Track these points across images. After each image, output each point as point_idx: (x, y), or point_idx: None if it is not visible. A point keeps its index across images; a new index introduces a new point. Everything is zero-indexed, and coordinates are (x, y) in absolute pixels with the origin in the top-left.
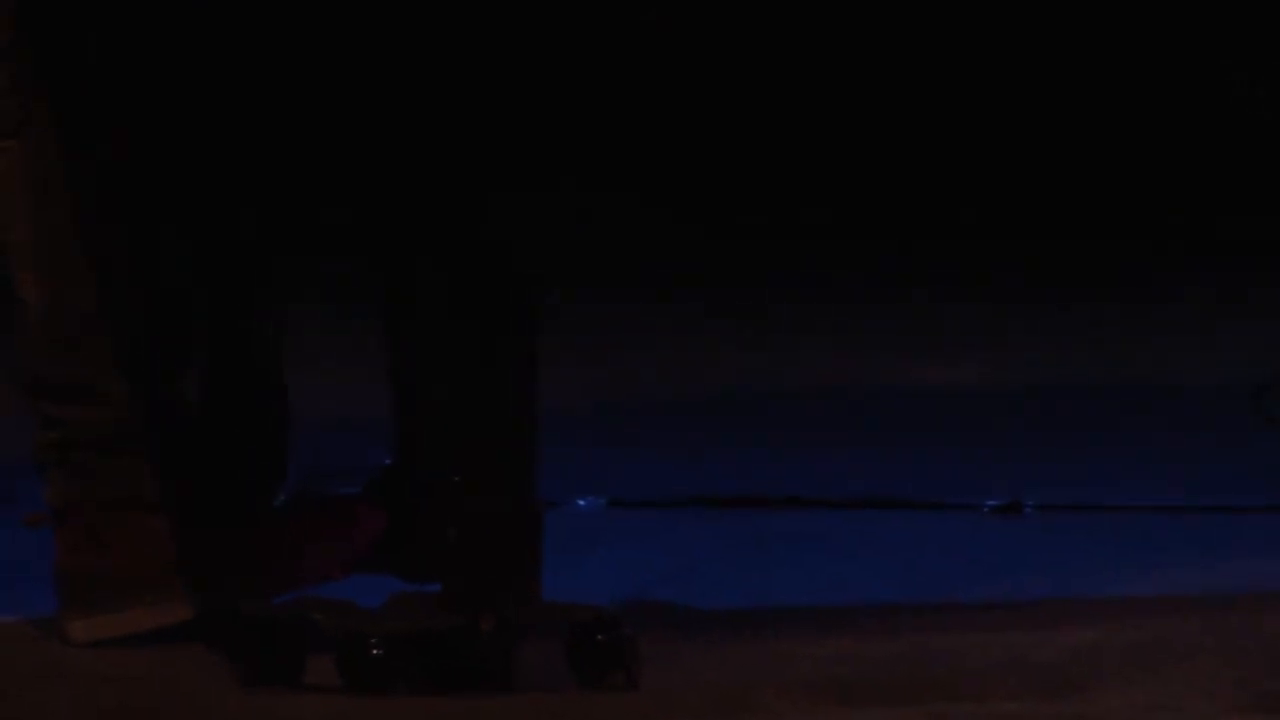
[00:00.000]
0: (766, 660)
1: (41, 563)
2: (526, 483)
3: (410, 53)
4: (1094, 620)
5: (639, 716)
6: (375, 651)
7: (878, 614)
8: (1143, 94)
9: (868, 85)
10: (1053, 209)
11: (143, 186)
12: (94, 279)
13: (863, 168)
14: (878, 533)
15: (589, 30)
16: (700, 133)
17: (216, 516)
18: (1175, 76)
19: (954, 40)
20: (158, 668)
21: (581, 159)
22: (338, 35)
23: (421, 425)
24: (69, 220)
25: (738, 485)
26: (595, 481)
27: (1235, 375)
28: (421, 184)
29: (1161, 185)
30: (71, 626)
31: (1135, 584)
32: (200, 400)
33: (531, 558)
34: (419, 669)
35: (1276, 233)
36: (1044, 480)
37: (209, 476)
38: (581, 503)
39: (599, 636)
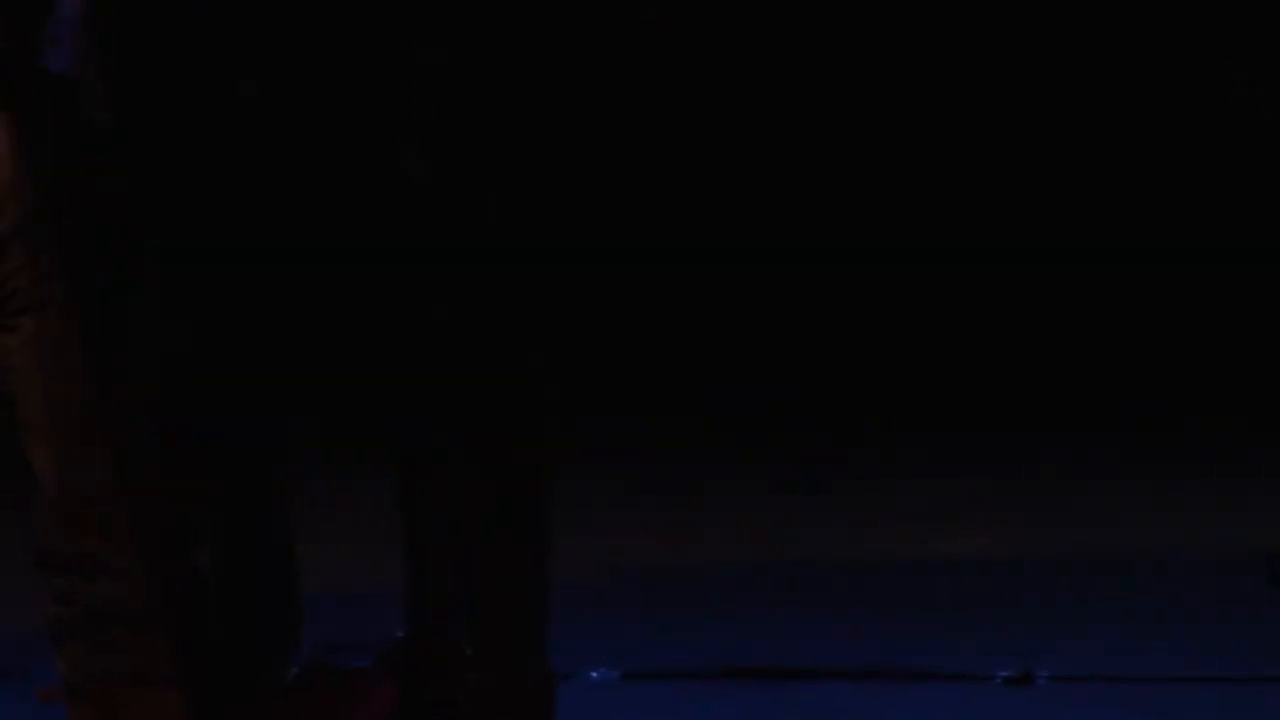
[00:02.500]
0: None
1: None
2: (539, 655)
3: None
4: None
5: None
6: None
7: None
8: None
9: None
10: (1076, 393)
11: (156, 362)
12: (107, 454)
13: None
14: (894, 703)
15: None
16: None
17: (230, 691)
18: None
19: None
20: None
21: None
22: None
23: (433, 598)
24: (82, 395)
25: (754, 656)
26: (613, 652)
27: (1251, 542)
28: (444, 370)
29: (1170, 349)
30: None
31: None
32: (212, 574)
33: None
34: None
35: None
36: (1058, 650)
37: (222, 651)
38: (595, 675)
39: None
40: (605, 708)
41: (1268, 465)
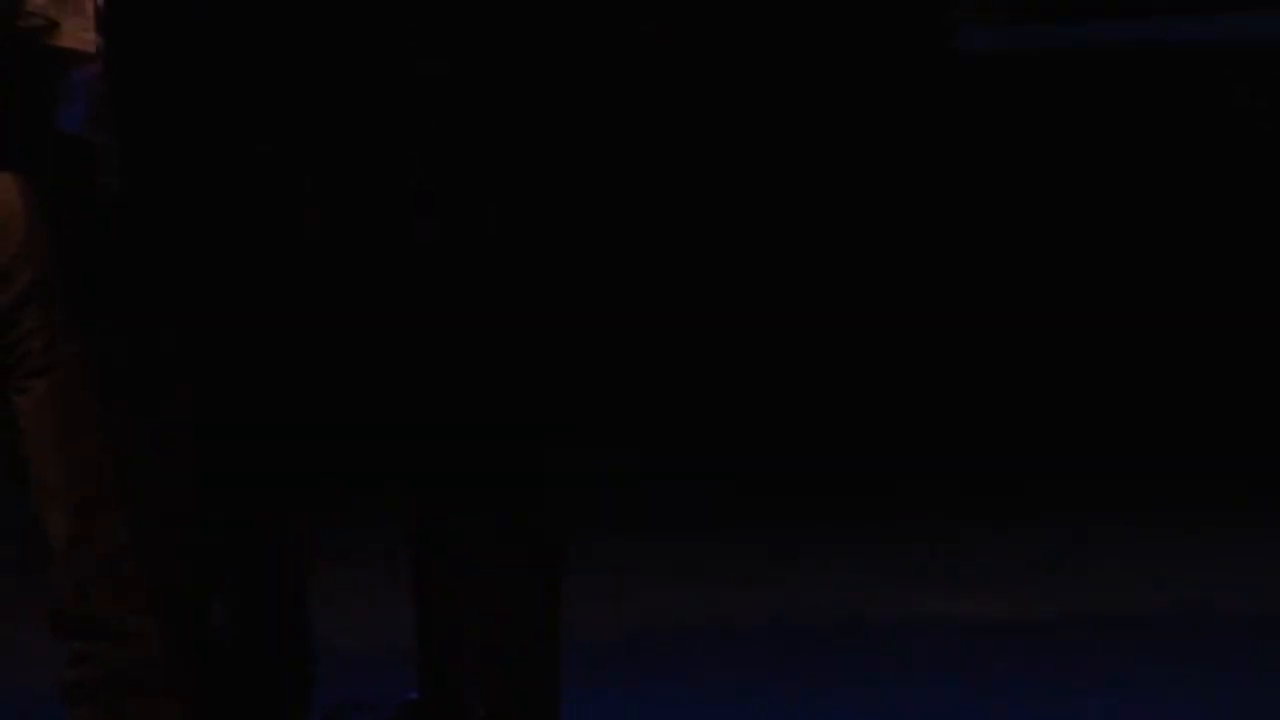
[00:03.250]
0: None
1: None
2: (553, 717)
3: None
4: None
5: None
6: None
7: None
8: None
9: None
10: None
11: (168, 424)
12: (120, 516)
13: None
14: None
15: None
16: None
17: None
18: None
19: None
20: None
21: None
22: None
23: (447, 659)
24: (94, 457)
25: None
26: (626, 716)
27: (1273, 605)
28: (457, 426)
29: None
30: None
31: None
32: (225, 633)
33: None
34: None
35: None
36: (1073, 708)
37: (235, 711)
38: None
39: None
40: None
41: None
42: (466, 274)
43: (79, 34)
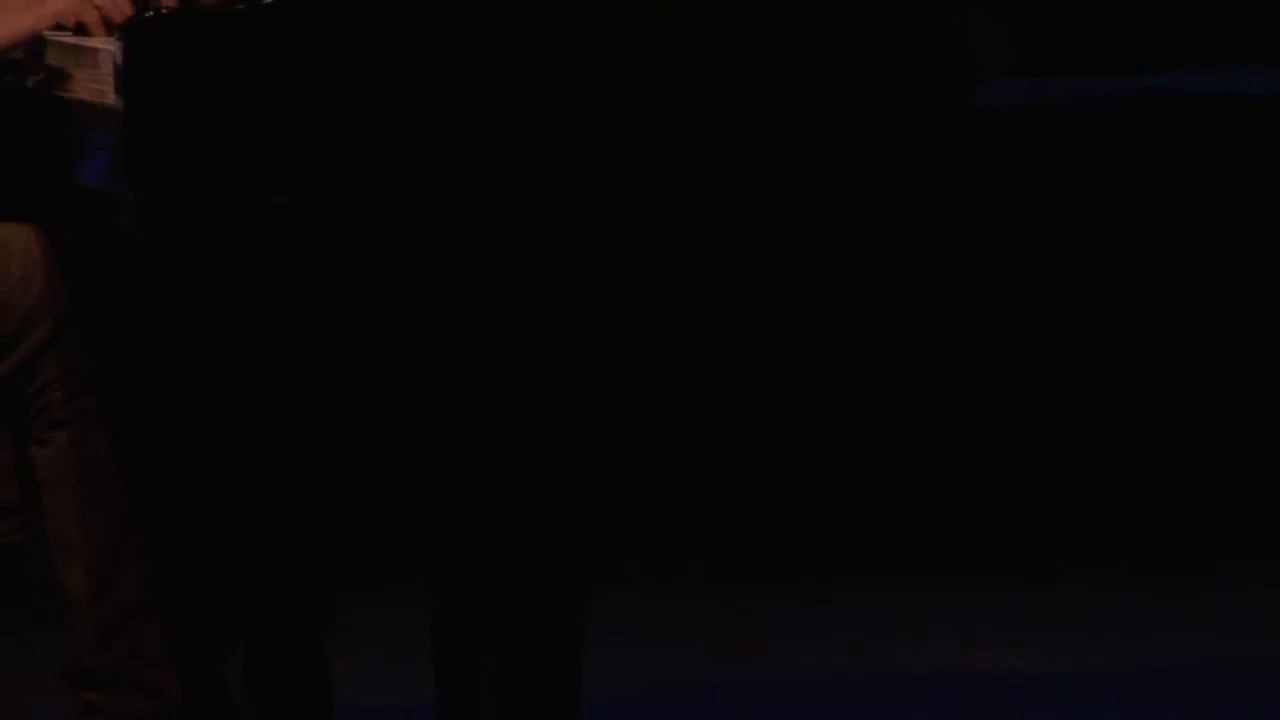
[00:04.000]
0: None
1: None
2: None
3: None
4: None
5: None
6: None
7: None
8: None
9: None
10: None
11: (190, 478)
12: (139, 570)
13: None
14: None
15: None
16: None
17: None
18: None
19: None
20: None
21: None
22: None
23: (467, 714)
24: (115, 509)
25: None
26: None
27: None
28: (483, 505)
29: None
30: None
31: None
32: (243, 690)
33: None
34: None
35: None
36: None
37: None
38: None
39: None
40: None
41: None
42: (492, 329)
43: (92, 85)
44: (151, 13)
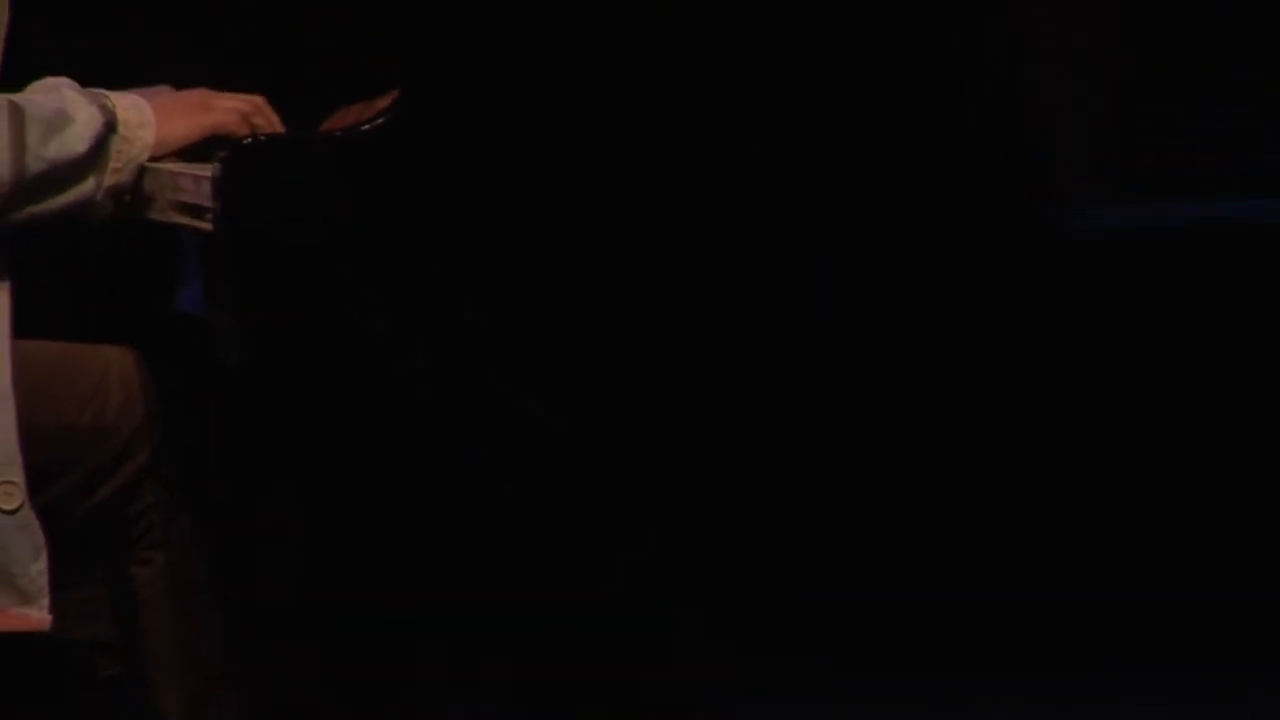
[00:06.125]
0: None
1: None
2: None
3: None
4: None
5: None
6: None
7: None
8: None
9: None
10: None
11: (287, 597)
12: (234, 692)
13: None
14: None
15: None
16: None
17: None
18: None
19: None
20: None
21: None
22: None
23: None
24: (211, 631)
25: None
26: None
27: None
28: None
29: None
30: None
31: None
32: None
33: None
34: None
35: None
36: None
37: None
38: None
39: None
40: None
41: None
42: (591, 458)
43: (191, 211)
44: (251, 139)
